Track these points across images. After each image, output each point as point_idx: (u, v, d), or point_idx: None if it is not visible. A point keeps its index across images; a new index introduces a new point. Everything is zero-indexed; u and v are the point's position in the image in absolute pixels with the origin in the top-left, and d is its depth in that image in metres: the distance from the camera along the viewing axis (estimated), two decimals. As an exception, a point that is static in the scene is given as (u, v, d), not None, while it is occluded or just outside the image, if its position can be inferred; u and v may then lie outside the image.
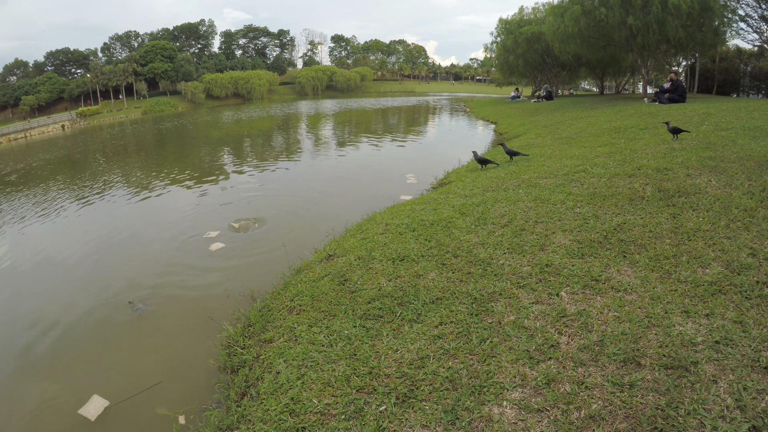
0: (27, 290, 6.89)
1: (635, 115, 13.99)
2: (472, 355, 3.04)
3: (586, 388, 2.58)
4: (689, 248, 3.98)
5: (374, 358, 3.23)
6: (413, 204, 7.22)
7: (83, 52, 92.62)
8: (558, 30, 23.66)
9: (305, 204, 9.91)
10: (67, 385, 4.49)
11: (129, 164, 20.13)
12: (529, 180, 7.14)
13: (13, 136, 52.74)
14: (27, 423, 4.06)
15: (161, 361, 4.69)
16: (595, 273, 3.79)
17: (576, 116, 17.37)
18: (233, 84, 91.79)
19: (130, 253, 7.93)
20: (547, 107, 24.54)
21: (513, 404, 2.57)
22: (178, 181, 13.70)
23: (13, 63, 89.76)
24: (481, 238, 4.98)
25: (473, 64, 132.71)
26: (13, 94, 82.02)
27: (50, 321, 5.78)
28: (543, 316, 3.32)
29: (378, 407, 2.76)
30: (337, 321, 3.88)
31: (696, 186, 5.44)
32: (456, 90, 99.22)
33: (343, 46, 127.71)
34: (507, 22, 37.50)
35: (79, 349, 5.13)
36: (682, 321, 3.00)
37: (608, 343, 2.89)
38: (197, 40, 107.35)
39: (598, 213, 5.11)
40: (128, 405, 4.05)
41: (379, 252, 5.12)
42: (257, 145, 22.85)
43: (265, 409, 3.05)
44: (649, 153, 7.60)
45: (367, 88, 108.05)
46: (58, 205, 12.22)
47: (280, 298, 4.84)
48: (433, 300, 3.86)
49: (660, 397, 2.41)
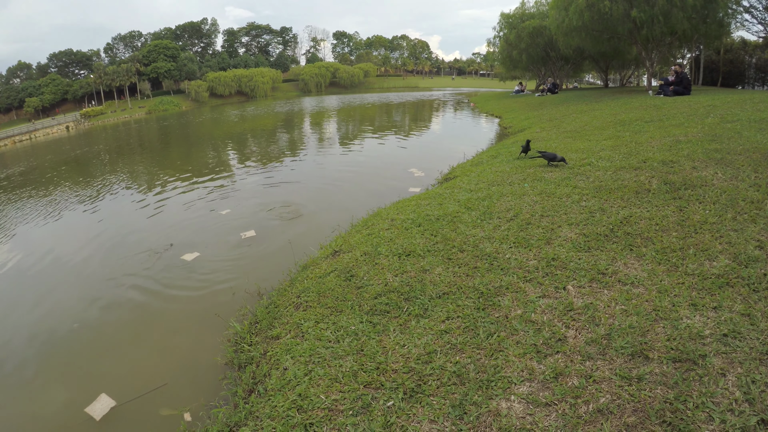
0: (35, 289, 6.92)
1: (640, 108, 13.92)
2: (480, 350, 3.04)
3: (594, 382, 2.57)
4: (696, 241, 3.97)
5: (381, 353, 3.23)
6: (419, 199, 7.21)
7: (86, 53, 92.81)
8: (562, 23, 23.60)
9: (310, 200, 9.91)
10: (78, 383, 4.51)
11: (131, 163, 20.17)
12: (534, 174, 7.12)
13: (18, 138, 52.92)
14: (34, 419, 4.08)
15: (169, 359, 4.70)
16: (602, 266, 3.79)
17: (580, 110, 17.30)
18: (236, 82, 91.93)
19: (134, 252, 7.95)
20: (551, 101, 24.44)
21: (521, 398, 2.57)
22: (181, 180, 13.72)
23: (17, 65, 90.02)
24: (487, 232, 4.98)
25: (476, 59, 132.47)
26: (17, 96, 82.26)
27: (62, 318, 5.82)
28: (550, 309, 3.32)
29: (385, 402, 2.76)
30: (344, 317, 3.88)
31: (702, 178, 5.42)
32: (460, 85, 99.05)
33: (346, 42, 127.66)
34: (509, 16, 37.38)
35: (90, 346, 5.15)
36: (690, 314, 2.99)
37: (616, 337, 2.88)
38: (200, 38, 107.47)
39: (604, 206, 5.10)
40: (134, 405, 4.06)
41: (385, 247, 5.11)
42: (261, 143, 22.84)
43: (273, 406, 3.05)
44: (654, 146, 7.57)
45: (370, 84, 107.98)
46: (65, 204, 12.27)
47: (287, 294, 4.86)
48: (439, 295, 3.86)
49: (668, 390, 2.41)
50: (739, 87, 30.92)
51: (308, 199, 10.04)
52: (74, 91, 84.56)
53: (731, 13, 20.60)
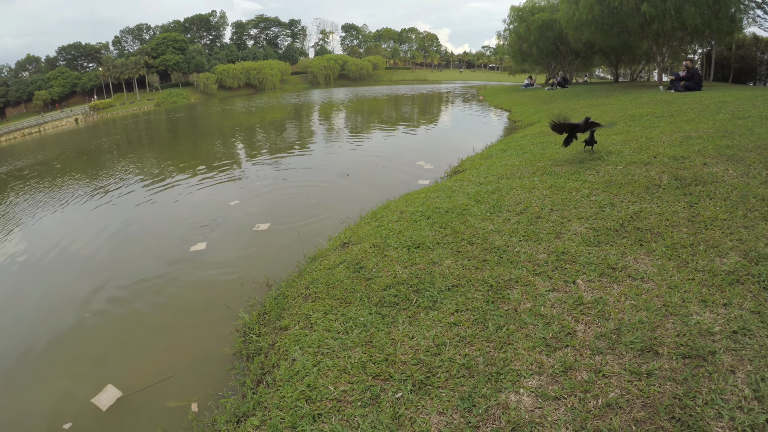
0: (44, 280, 6.99)
1: (651, 103, 13.82)
2: (489, 343, 3.04)
3: (603, 377, 2.57)
4: (706, 237, 3.95)
5: (390, 345, 3.24)
6: (428, 192, 7.21)
7: (95, 46, 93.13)
8: (572, 17, 23.50)
9: (319, 192, 9.92)
10: (85, 373, 4.56)
11: (141, 154, 20.29)
12: (544, 168, 7.10)
13: (27, 131, 53.29)
14: (41, 409, 4.13)
15: (176, 349, 4.74)
16: (612, 261, 3.78)
17: (590, 104, 17.20)
18: (245, 74, 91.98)
19: (143, 244, 8.00)
20: (561, 95, 24.31)
21: (530, 392, 2.57)
22: (191, 171, 13.78)
23: (25, 59, 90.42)
24: (496, 225, 4.98)
25: (486, 52, 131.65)
26: (26, 89, 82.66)
27: (71, 309, 5.87)
28: (559, 303, 3.32)
29: (394, 394, 2.77)
30: (353, 308, 3.89)
31: (713, 175, 5.38)
32: (469, 78, 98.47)
33: (354, 35, 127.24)
34: (519, 9, 37.23)
35: (97, 337, 5.20)
36: (700, 310, 2.98)
37: (625, 332, 2.88)
38: (208, 31, 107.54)
39: (614, 201, 5.08)
40: (141, 396, 4.08)
41: (394, 239, 5.12)
42: (270, 135, 22.86)
43: (282, 396, 3.07)
44: (665, 141, 7.51)
45: (379, 77, 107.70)
46: (73, 196, 12.36)
47: (296, 285, 4.88)
48: (449, 287, 3.86)
49: (678, 386, 2.40)
50: (751, 83, 30.63)
51: (317, 190, 10.05)
52: (83, 84, 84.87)
53: (743, 8, 20.45)
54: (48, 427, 3.87)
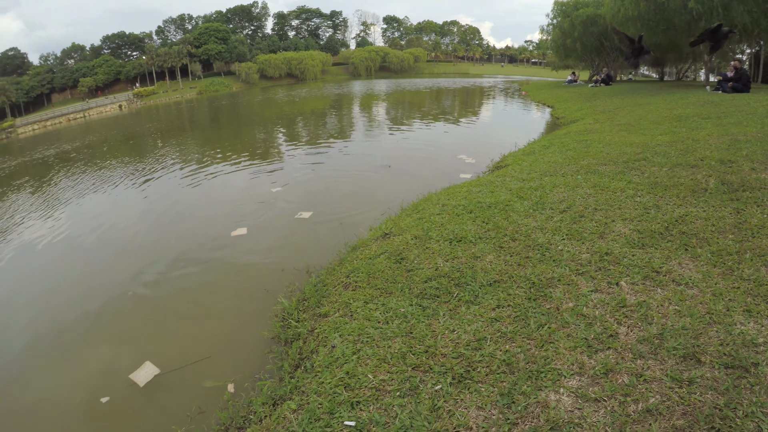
0: (89, 259, 7.28)
1: (697, 104, 13.41)
2: (530, 340, 3.05)
3: (644, 381, 2.56)
4: (753, 245, 3.85)
5: (430, 337, 3.27)
6: (470, 186, 7.20)
7: (138, 35, 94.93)
8: (617, 13, 22.90)
9: (360, 182, 10.02)
10: (124, 350, 4.72)
11: (184, 141, 20.76)
12: (588, 166, 7.00)
13: (72, 116, 54.92)
14: (79, 382, 4.32)
15: (215, 331, 4.86)
16: (656, 264, 3.73)
17: (635, 102, 16.80)
18: (286, 64, 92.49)
19: (185, 227, 8.23)
20: (604, 92, 23.79)
21: (570, 392, 2.58)
22: (234, 158, 14.07)
23: (71, 47, 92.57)
24: (539, 222, 4.96)
25: (528, 47, 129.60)
26: (71, 76, 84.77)
27: (113, 287, 6.13)
28: (602, 304, 3.30)
29: (433, 386, 2.81)
30: (393, 299, 3.94)
31: (761, 181, 5.23)
32: (511, 72, 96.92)
33: (396, 27, 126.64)
34: (563, 3, 36.38)
35: (138, 316, 5.39)
36: (744, 320, 2.93)
37: (668, 337, 2.85)
38: (250, 21, 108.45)
39: (659, 203, 4.99)
40: (178, 374, 4.20)
41: (436, 232, 5.15)
42: (312, 124, 23.07)
43: (320, 382, 3.12)
44: (712, 144, 7.31)
45: (420, 70, 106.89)
46: (122, 179, 12.77)
47: (336, 273, 4.96)
48: (490, 282, 3.87)
49: (719, 396, 2.37)
50: (802, 86, 29.37)
51: (358, 181, 10.15)
52: (127, 72, 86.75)
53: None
54: (86, 400, 4.03)
